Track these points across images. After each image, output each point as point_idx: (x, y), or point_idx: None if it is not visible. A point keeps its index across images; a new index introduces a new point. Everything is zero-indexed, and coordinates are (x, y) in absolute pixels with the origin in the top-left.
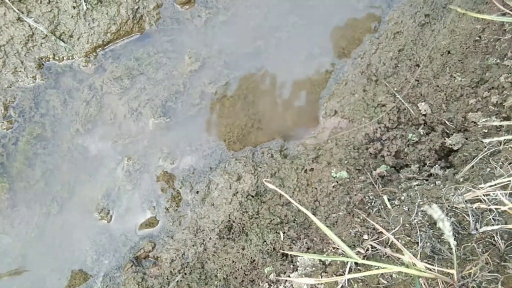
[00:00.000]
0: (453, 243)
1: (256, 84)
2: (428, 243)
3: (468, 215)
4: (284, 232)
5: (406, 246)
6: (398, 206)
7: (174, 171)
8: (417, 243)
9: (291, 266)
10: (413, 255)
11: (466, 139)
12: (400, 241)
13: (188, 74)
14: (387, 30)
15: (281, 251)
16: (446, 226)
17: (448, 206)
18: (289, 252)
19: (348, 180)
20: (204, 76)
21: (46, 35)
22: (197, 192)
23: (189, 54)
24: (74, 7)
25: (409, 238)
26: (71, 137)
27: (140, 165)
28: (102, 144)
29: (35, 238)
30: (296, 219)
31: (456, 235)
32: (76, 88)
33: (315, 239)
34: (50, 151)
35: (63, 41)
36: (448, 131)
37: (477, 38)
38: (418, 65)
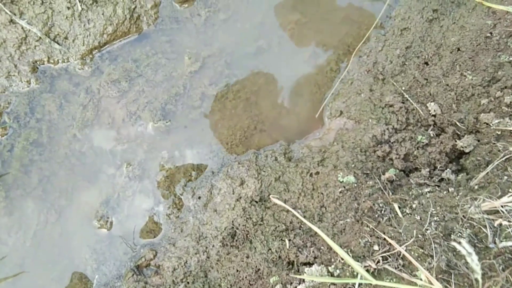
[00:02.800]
0: (479, 276)
1: (259, 85)
2: (443, 256)
3: (485, 227)
4: (289, 240)
5: (419, 259)
6: (409, 215)
7: (175, 176)
8: (432, 256)
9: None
10: (427, 270)
11: (478, 141)
12: (412, 253)
13: (188, 75)
14: (394, 26)
15: (287, 259)
16: (474, 261)
17: (464, 216)
18: (303, 277)
19: (355, 185)
20: (205, 77)
21: (40, 37)
22: (199, 197)
23: (188, 54)
24: (68, 8)
25: (422, 250)
26: (68, 143)
27: (140, 170)
28: (100, 150)
29: (33, 247)
30: (302, 225)
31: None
32: (72, 91)
33: (322, 248)
34: (47, 157)
35: (58, 43)
36: (459, 133)
37: (488, 34)
38: (426, 63)
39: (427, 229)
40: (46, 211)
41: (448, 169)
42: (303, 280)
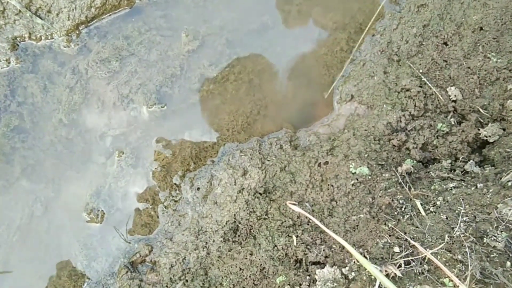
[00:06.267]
0: None
1: (262, 66)
2: (476, 263)
3: None
4: (297, 236)
5: (448, 265)
6: (434, 213)
7: (171, 165)
8: (461, 261)
9: (307, 277)
10: (458, 277)
11: (504, 130)
12: (440, 257)
13: (185, 55)
14: (410, 2)
15: (295, 257)
16: None
17: (498, 217)
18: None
19: (369, 177)
20: (204, 56)
21: (20, 11)
22: (198, 188)
23: (186, 31)
24: None
25: (451, 255)
26: (54, 129)
27: (133, 159)
28: (90, 136)
29: (18, 243)
30: (310, 221)
31: (510, 255)
32: (57, 72)
33: (334, 246)
34: (31, 144)
35: (40, 18)
36: (482, 120)
37: None
38: (446, 43)
39: (455, 230)
40: (31, 204)
41: (471, 161)
42: (313, 281)
